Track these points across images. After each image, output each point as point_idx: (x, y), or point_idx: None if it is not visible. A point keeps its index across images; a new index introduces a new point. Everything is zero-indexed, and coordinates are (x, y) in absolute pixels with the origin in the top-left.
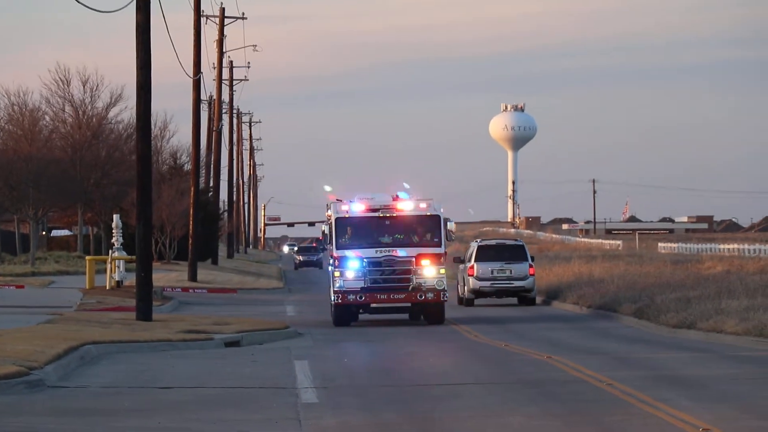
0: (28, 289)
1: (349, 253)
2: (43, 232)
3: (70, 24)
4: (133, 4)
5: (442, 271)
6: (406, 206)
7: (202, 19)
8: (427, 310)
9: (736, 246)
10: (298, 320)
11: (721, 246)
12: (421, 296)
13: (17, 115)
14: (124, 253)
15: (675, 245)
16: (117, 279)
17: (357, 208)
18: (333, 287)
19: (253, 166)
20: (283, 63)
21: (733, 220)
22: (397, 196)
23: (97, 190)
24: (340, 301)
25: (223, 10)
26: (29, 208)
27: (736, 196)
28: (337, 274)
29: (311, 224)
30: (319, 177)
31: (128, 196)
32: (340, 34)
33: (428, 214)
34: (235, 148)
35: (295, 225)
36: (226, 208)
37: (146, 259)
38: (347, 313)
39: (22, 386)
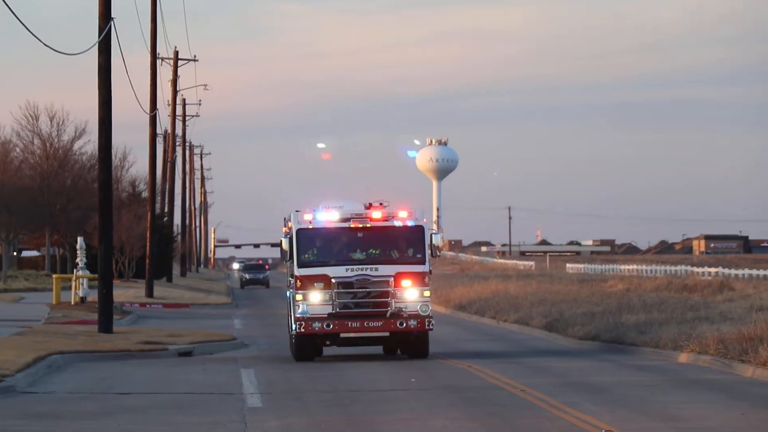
0: (0, 305)
1: (313, 271)
2: (14, 253)
3: (39, 65)
4: (96, 48)
5: (427, 293)
6: (384, 215)
7: (157, 61)
8: (408, 341)
9: (635, 267)
10: (244, 333)
11: (622, 267)
12: (401, 324)
13: None
14: (88, 271)
15: (581, 266)
16: (81, 295)
17: (323, 217)
18: (294, 313)
19: (204, 194)
20: (230, 100)
21: (633, 243)
22: (371, 204)
23: (62, 215)
24: (303, 330)
25: (176, 53)
26: (1, 231)
27: (635, 222)
28: (299, 297)
29: (256, 246)
30: (265, 203)
31: (91, 220)
32: (282, 74)
33: (409, 225)
34: (187, 177)
35: (242, 246)
36: (180, 231)
37: (107, 277)
38: (311, 344)
39: None
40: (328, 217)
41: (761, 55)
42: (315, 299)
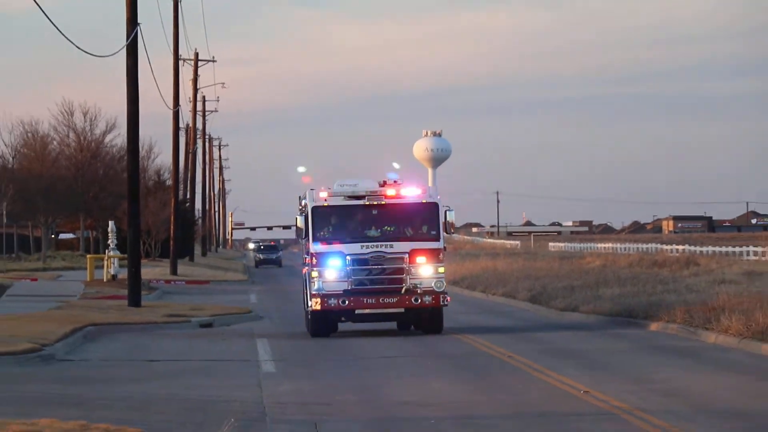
0: (40, 282)
1: (329, 249)
2: (52, 236)
3: (73, 66)
4: (124, 50)
5: (441, 269)
6: (398, 193)
7: (180, 62)
8: (422, 317)
9: (610, 245)
10: (259, 307)
11: (599, 245)
12: (416, 300)
13: (30, 141)
14: (118, 252)
15: (562, 245)
16: (112, 273)
17: (338, 195)
18: (310, 290)
19: (222, 181)
20: (246, 96)
21: (608, 224)
22: (385, 182)
23: (95, 202)
24: (319, 306)
25: (197, 54)
26: (41, 217)
27: (610, 205)
28: (314, 274)
29: (269, 228)
30: (277, 189)
31: (121, 206)
32: (293, 74)
33: (424, 201)
34: (207, 166)
35: (257, 229)
36: (200, 215)
37: (136, 257)
38: (327, 320)
39: (36, 359)
40: (342, 194)
41: (729, 50)
42: (330, 276)
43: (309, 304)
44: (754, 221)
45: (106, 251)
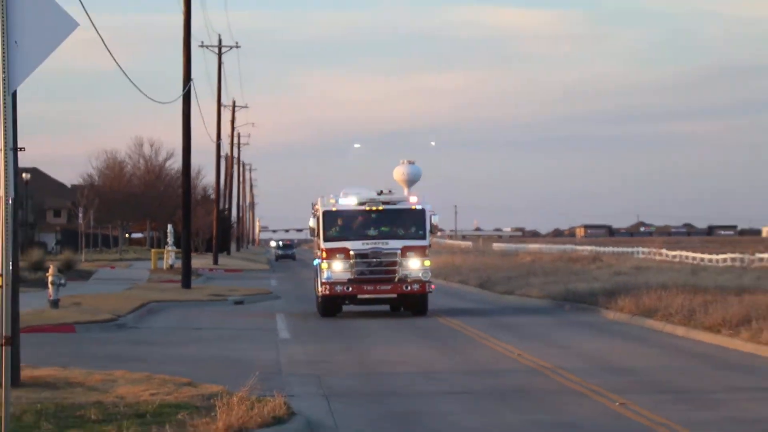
0: (117, 269)
1: (336, 245)
2: (126, 235)
3: (143, 109)
4: (180, 99)
5: (427, 263)
6: (393, 200)
7: (221, 107)
8: (410, 301)
9: (538, 246)
10: (278, 289)
11: (529, 246)
12: (406, 287)
13: (111, 165)
14: (174, 247)
15: (503, 245)
16: (170, 263)
17: (344, 201)
18: (320, 278)
19: (252, 196)
20: (271, 133)
21: (536, 230)
22: (381, 191)
23: (158, 210)
24: (328, 292)
25: (234, 102)
26: (118, 221)
27: (538, 214)
28: (324, 266)
29: (287, 230)
30: (292, 202)
31: (177, 213)
32: (306, 116)
33: (413, 207)
34: (241, 185)
35: (277, 231)
36: (235, 221)
37: (188, 251)
38: (334, 304)
39: (114, 327)
40: (347, 201)
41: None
42: (337, 267)
43: (319, 290)
44: (642, 229)
45: (166, 247)
